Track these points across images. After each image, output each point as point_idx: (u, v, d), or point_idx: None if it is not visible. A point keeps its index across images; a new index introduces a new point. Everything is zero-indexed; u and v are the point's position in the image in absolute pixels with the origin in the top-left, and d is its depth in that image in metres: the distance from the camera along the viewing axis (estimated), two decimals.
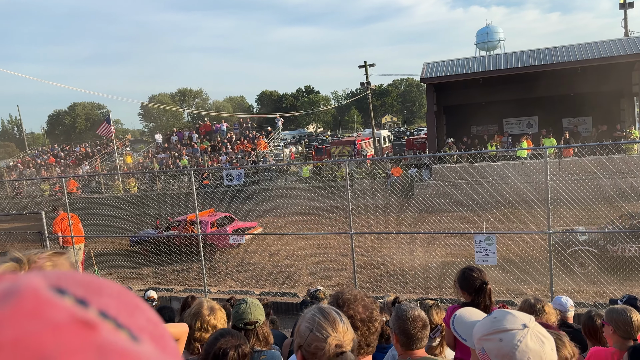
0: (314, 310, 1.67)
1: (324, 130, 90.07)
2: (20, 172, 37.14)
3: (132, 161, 35.36)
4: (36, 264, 1.44)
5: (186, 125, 78.86)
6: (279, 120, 36.66)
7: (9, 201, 29.72)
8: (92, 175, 31.18)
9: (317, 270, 13.16)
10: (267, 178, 26.89)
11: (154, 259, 14.72)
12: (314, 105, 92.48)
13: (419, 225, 16.15)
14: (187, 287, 12.24)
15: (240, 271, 14.16)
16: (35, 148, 54.27)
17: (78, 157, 38.49)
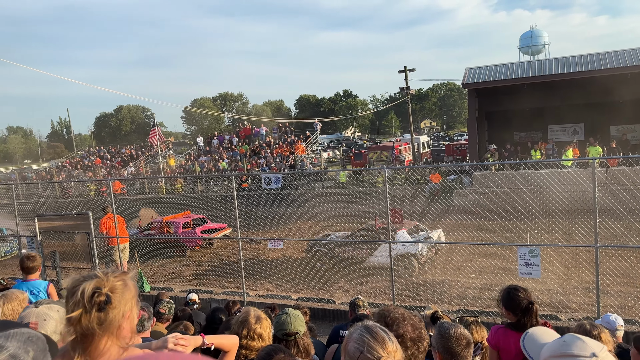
0: (361, 330, 1.66)
1: (362, 135, 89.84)
2: (68, 172, 38.70)
3: (175, 164, 36.24)
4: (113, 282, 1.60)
5: (226, 128, 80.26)
6: (317, 124, 36.80)
7: (58, 200, 30.97)
8: (136, 178, 32.15)
9: (353, 277, 13.10)
10: (305, 182, 27.03)
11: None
12: (352, 109, 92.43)
13: (459, 233, 15.85)
14: (226, 290, 12.41)
15: (277, 275, 14.27)
16: (82, 149, 56.44)
17: (123, 158, 39.76)
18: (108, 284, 1.59)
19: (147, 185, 30.22)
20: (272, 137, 36.37)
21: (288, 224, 19.89)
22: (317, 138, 36.36)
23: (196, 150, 38.67)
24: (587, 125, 24.55)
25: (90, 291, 1.54)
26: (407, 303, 10.09)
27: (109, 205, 11.96)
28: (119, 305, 1.60)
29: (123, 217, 12.85)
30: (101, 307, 1.55)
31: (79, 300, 1.54)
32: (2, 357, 1.20)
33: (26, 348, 1.24)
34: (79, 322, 1.54)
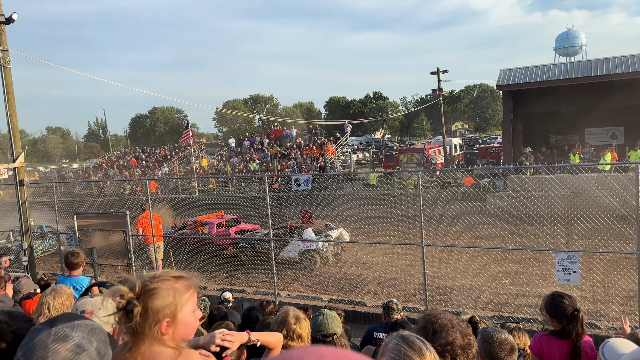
0: (397, 340, 1.62)
1: (391, 137, 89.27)
2: (104, 171, 39.76)
3: (207, 164, 36.79)
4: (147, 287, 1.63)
5: (257, 130, 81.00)
6: (348, 126, 36.76)
7: (94, 199, 31.83)
8: (170, 178, 32.78)
9: (384, 280, 13.02)
10: (334, 184, 27.03)
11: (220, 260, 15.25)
12: (382, 111, 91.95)
13: (492, 238, 15.55)
14: (257, 290, 12.52)
15: (307, 276, 14.29)
16: (118, 149, 57.91)
17: (158, 159, 40.61)
18: (140, 288, 1.62)
19: (181, 186, 30.77)
20: (302, 138, 36.52)
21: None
22: (347, 140, 36.31)
23: (228, 151, 39.16)
24: (626, 129, 23.77)
25: (122, 303, 1.59)
26: (439, 307, 9.97)
27: (147, 204, 12.21)
28: (153, 309, 1.62)
29: (160, 217, 13.12)
30: (127, 311, 1.59)
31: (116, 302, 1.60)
32: (68, 346, 1.24)
33: (90, 339, 1.28)
34: (121, 323, 1.60)
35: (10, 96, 11.09)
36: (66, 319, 1.33)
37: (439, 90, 31.79)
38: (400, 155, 31.11)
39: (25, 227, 11.47)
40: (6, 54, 10.93)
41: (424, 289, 8.93)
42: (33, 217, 14.03)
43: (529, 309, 9.98)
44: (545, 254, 12.58)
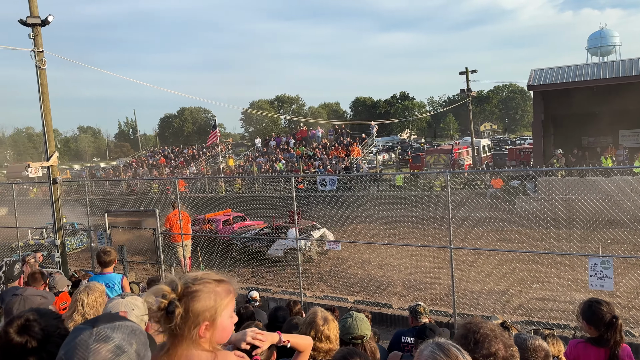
0: (433, 347, 1.58)
1: (418, 137, 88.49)
2: (134, 170, 40.55)
3: (234, 164, 37.14)
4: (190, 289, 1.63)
5: (283, 130, 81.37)
6: (374, 127, 36.58)
7: (124, 197, 32.49)
8: (198, 177, 33.21)
9: (410, 282, 12.90)
10: (360, 185, 26.93)
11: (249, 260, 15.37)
12: (409, 111, 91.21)
13: (522, 241, 15.25)
14: (283, 289, 12.56)
15: (332, 276, 14.28)
16: (147, 149, 58.97)
17: (186, 158, 41.20)
18: (182, 289, 1.62)
19: (208, 185, 31.15)
20: (327, 139, 36.52)
21: (343, 226, 19.88)
22: (373, 140, 36.14)
23: (254, 151, 39.45)
24: None
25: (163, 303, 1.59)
26: (467, 311, 9.83)
27: (176, 202, 12.37)
28: (194, 312, 1.62)
29: (189, 215, 13.29)
30: (168, 312, 1.59)
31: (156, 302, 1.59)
32: (108, 347, 1.25)
33: (130, 340, 1.29)
34: (160, 324, 1.59)
35: (45, 96, 11.40)
36: (107, 319, 1.34)
37: (467, 90, 31.34)
38: (427, 156, 30.81)
39: (58, 224, 11.77)
40: (41, 55, 11.23)
41: (452, 292, 8.79)
42: (65, 215, 14.38)
43: (559, 314, 9.74)
44: (576, 259, 12.26)
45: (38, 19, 11.08)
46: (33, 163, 12.11)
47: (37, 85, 11.33)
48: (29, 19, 11.05)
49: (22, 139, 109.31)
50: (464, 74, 31.26)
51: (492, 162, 34.31)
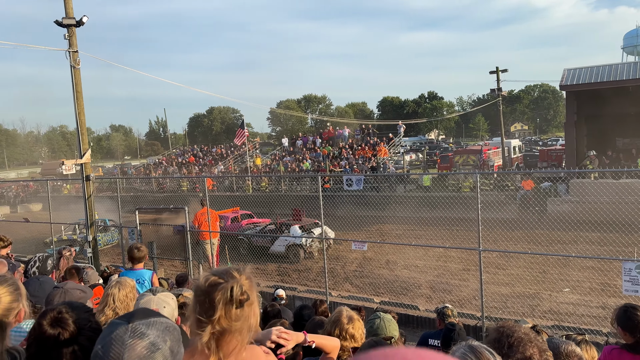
0: (465, 349, 1.55)
1: (446, 138, 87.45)
2: (164, 168, 41.27)
3: (261, 163, 37.41)
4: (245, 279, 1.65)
5: (310, 130, 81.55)
6: (401, 126, 36.30)
7: (154, 195, 33.08)
8: (225, 176, 33.58)
9: (437, 284, 12.76)
10: (386, 185, 26.76)
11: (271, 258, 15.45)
12: (437, 111, 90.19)
13: (552, 244, 14.91)
14: (309, 288, 12.59)
15: (358, 277, 14.24)
16: (177, 147, 59.94)
17: (214, 157, 41.72)
18: (244, 282, 1.63)
19: (235, 183, 31.45)
20: (354, 139, 36.41)
21: (369, 226, 19.79)
22: (401, 140, 35.87)
23: (281, 150, 39.65)
24: None
25: (238, 290, 1.58)
26: (495, 315, 9.66)
27: (205, 200, 12.53)
28: (252, 303, 1.64)
29: (217, 213, 13.44)
30: (242, 305, 1.59)
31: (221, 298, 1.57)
32: (143, 344, 1.26)
33: (164, 337, 1.30)
34: (218, 321, 1.57)
35: (79, 95, 11.71)
36: (143, 315, 1.36)
37: (498, 90, 30.78)
38: (455, 156, 30.39)
39: (90, 220, 12.08)
40: (76, 55, 11.54)
41: (480, 295, 8.65)
42: (97, 211, 14.74)
43: (591, 319, 9.49)
44: (609, 263, 11.92)
45: (73, 20, 11.38)
46: (67, 160, 12.44)
47: (71, 85, 11.64)
48: (65, 19, 11.35)
49: (57, 137, 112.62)
50: (495, 73, 30.72)
51: (523, 163, 33.62)
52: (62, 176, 32.52)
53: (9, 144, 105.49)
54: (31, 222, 18.61)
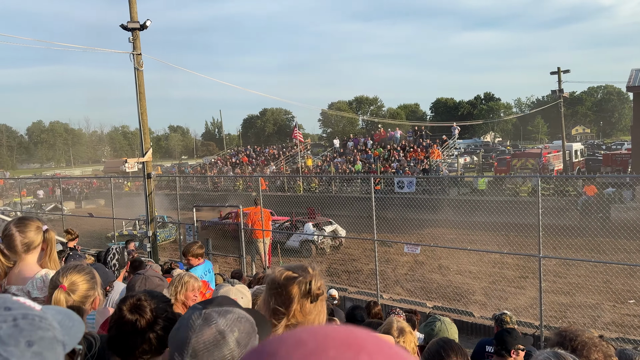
0: (548, 355, 1.52)
1: (503, 140, 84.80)
2: (219, 168, 42.40)
3: (312, 164, 37.69)
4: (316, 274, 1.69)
5: (361, 131, 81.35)
6: (456, 128, 35.55)
7: (209, 193, 34.04)
8: (279, 176, 34.08)
9: (491, 291, 12.42)
10: (439, 188, 26.27)
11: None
12: (493, 113, 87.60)
13: (616, 253, 14.13)
14: (359, 289, 12.55)
15: (409, 280, 14.08)
16: (231, 148, 61.38)
17: (267, 157, 42.44)
18: (318, 277, 1.66)
19: (287, 184, 31.83)
20: (406, 140, 36.00)
21: (420, 230, 19.47)
22: (455, 142, 35.12)
23: (332, 151, 39.80)
24: None
25: (316, 284, 1.61)
26: (554, 324, 9.28)
27: (259, 199, 12.76)
28: (324, 300, 1.67)
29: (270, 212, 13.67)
30: (317, 299, 1.62)
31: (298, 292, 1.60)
32: (211, 331, 1.29)
33: (233, 327, 1.32)
34: (294, 315, 1.59)
35: (142, 96, 12.21)
36: (219, 303, 1.40)
37: (559, 91, 29.54)
38: (513, 159, 29.40)
39: (150, 216, 12.58)
40: (139, 57, 12.04)
41: (539, 304, 8.33)
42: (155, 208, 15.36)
43: None
44: None
45: (137, 24, 11.88)
46: (130, 159, 13.02)
47: (134, 86, 12.15)
48: (129, 23, 11.87)
49: (119, 136, 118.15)
50: (556, 74, 29.51)
51: (585, 167, 32.09)
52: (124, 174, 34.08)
53: (74, 143, 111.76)
54: (95, 217, 19.59)
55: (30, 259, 2.50)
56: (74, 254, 6.75)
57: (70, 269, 2.20)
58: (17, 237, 2.45)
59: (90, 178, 40.22)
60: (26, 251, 2.47)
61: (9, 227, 2.49)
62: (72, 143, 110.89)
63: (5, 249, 2.44)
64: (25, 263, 2.48)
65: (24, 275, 2.42)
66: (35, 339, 0.68)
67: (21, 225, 2.49)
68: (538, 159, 27.22)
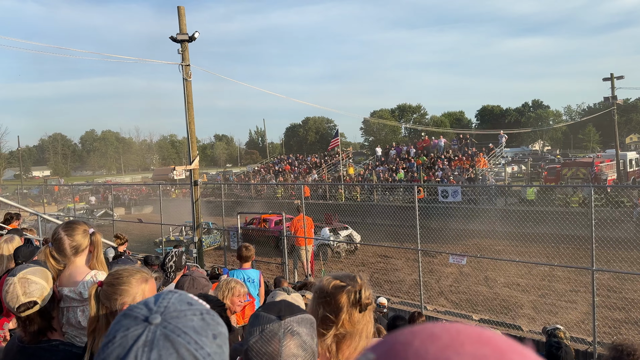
0: None
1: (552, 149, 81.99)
2: (262, 176, 43.00)
3: (354, 172, 37.63)
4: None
5: (403, 139, 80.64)
6: (503, 136, 34.69)
7: (252, 200, 34.54)
8: (321, 184, 34.23)
9: (540, 304, 11.99)
10: (485, 197, 25.65)
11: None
12: (542, 121, 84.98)
13: None
14: (402, 300, 12.40)
15: (454, 292, 13.79)
16: (274, 156, 62.18)
17: (309, 166, 42.72)
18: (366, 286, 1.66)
19: (328, 192, 31.90)
20: (451, 148, 35.40)
21: (466, 240, 19.07)
22: (502, 151, 34.26)
23: (374, 160, 39.61)
24: None
25: (366, 293, 1.61)
26: (608, 340, 8.85)
27: (302, 206, 12.87)
28: (372, 310, 1.67)
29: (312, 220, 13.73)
30: (365, 308, 1.61)
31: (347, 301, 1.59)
32: (296, 342, 1.29)
33: (312, 334, 1.33)
34: (342, 324, 1.59)
35: (190, 106, 12.59)
36: (290, 310, 1.37)
37: (612, 98, 28.39)
38: (563, 169, 28.39)
39: (196, 222, 12.89)
40: (188, 68, 12.43)
41: (592, 319, 7.97)
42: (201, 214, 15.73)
43: None
44: None
45: (186, 36, 12.28)
46: (178, 167, 13.42)
47: (183, 96, 12.54)
48: (179, 35, 12.29)
49: (167, 145, 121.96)
50: (609, 80, 28.41)
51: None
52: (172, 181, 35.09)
53: (125, 151, 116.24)
54: (144, 222, 20.25)
55: (79, 261, 2.60)
56: (125, 257, 7.02)
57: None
58: (66, 240, 2.55)
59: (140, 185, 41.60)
60: (75, 254, 2.57)
61: (58, 231, 2.60)
62: (122, 151, 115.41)
63: (55, 253, 2.56)
64: (75, 265, 2.58)
65: (74, 278, 2.53)
66: (217, 333, 0.79)
67: (69, 229, 2.59)
68: (590, 169, 26.14)
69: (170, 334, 0.74)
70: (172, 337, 0.73)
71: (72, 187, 38.39)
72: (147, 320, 0.76)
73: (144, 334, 0.74)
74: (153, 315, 0.76)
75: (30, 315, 2.05)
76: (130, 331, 0.75)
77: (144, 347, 0.72)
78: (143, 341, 0.73)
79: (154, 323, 0.75)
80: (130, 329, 0.75)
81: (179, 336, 0.74)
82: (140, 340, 0.73)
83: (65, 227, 2.62)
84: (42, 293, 2.10)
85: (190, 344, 0.73)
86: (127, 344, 0.73)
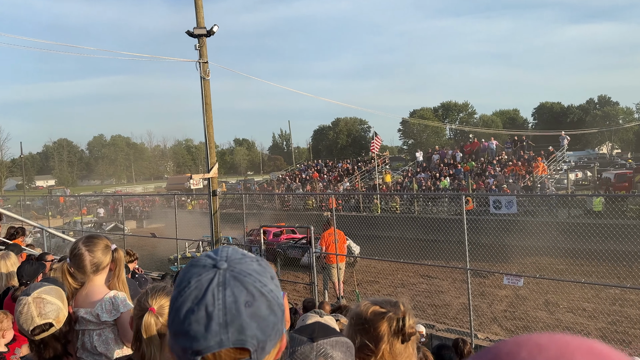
0: None
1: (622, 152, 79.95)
2: (287, 185, 43.35)
3: (391, 180, 37.54)
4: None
5: (448, 142, 79.99)
6: (564, 138, 34.13)
7: (277, 212, 34.82)
8: (354, 193, 34.27)
9: (610, 333, 11.72)
10: (545, 209, 25.27)
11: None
12: (610, 120, 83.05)
13: None
14: (448, 327, 12.30)
15: (509, 318, 13.61)
16: (300, 162, 62.59)
17: (340, 172, 42.86)
18: (409, 314, 1.69)
19: (362, 202, 31.91)
20: (504, 152, 35.00)
21: (522, 258, 18.81)
22: (564, 155, 33.67)
23: (414, 166, 39.47)
24: None
25: (409, 321, 1.65)
26: None
27: (332, 219, 12.91)
28: (415, 341, 1.70)
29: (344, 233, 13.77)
30: (408, 339, 1.64)
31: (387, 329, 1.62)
32: None
33: (346, 358, 1.38)
34: (382, 355, 1.61)
35: (208, 107, 12.83)
36: (324, 332, 1.44)
37: None
38: (636, 175, 27.73)
39: (215, 237, 13.10)
40: (206, 66, 12.68)
41: None
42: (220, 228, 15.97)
43: None
44: None
45: (204, 30, 12.54)
46: (195, 175, 13.69)
47: (200, 96, 12.79)
48: (196, 29, 12.55)
49: (182, 150, 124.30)
50: None
51: None
52: (188, 191, 35.73)
53: (136, 158, 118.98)
54: (157, 237, 20.68)
55: (98, 280, 2.63)
56: (139, 276, 7.20)
57: (159, 291, 2.30)
58: (87, 256, 2.57)
59: (153, 195, 42.51)
60: (95, 272, 2.60)
61: (78, 246, 2.62)
62: (133, 158, 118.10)
63: (73, 269, 2.59)
64: (94, 284, 2.61)
65: (91, 298, 2.56)
66: (272, 275, 1.04)
67: (90, 244, 2.61)
68: None
69: (238, 275, 0.96)
70: (240, 278, 0.96)
71: (78, 198, 39.44)
72: (215, 267, 0.97)
73: (216, 277, 0.95)
74: (220, 262, 0.98)
75: (45, 339, 2.13)
76: (203, 276, 0.96)
77: (218, 286, 0.94)
78: (216, 282, 0.94)
79: (222, 268, 0.97)
80: (202, 274, 0.97)
81: (245, 277, 0.96)
82: (213, 282, 0.94)
83: (85, 241, 2.64)
84: (58, 314, 2.18)
85: (256, 282, 0.96)
86: (203, 286, 0.94)
